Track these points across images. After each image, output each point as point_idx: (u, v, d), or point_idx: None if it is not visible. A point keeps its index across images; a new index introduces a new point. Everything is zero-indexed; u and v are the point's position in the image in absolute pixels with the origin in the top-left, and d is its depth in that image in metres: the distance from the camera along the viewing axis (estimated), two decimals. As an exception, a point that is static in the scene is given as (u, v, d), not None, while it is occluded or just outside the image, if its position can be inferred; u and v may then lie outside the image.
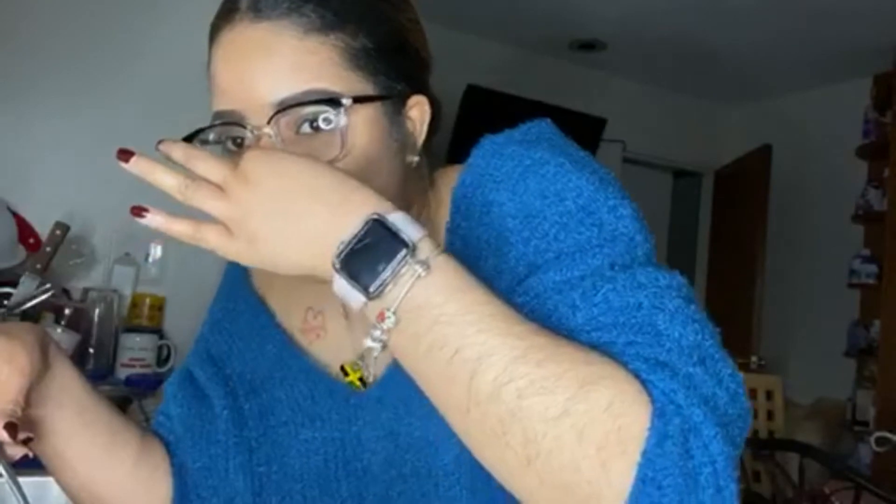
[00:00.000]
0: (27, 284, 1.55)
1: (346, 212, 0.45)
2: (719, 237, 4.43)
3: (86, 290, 1.82)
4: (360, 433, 0.61)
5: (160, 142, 0.51)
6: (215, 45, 0.58)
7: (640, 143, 4.21)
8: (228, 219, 0.47)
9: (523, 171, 0.56)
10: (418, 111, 0.61)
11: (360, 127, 0.55)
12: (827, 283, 3.72)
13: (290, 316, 0.68)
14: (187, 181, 0.48)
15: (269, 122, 0.53)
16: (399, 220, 0.45)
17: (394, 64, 0.58)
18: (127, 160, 0.50)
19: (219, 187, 0.47)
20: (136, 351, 1.73)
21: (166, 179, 0.49)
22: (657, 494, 0.39)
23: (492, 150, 0.59)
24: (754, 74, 4.06)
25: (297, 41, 0.54)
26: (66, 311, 1.68)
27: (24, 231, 1.75)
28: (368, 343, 0.45)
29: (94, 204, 1.91)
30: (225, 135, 0.56)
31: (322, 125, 0.54)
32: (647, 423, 0.41)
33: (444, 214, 0.61)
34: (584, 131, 3.53)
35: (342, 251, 0.44)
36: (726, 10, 3.26)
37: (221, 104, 0.56)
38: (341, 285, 0.45)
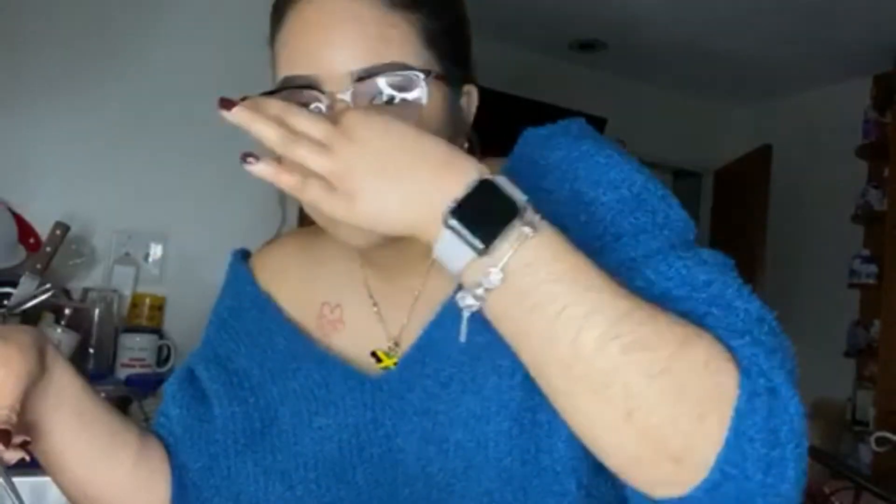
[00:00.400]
0: (27, 284, 1.55)
1: (450, 173, 0.46)
2: (719, 237, 4.43)
3: (86, 290, 1.82)
4: (379, 417, 0.60)
5: (242, 98, 0.51)
6: (292, 11, 0.57)
7: (640, 143, 4.21)
8: (332, 174, 0.47)
9: (572, 162, 0.58)
10: (468, 99, 0.63)
11: (430, 104, 0.56)
12: (827, 283, 3.72)
13: (303, 311, 0.69)
14: (289, 134, 0.47)
15: (346, 91, 0.54)
16: (506, 184, 0.46)
17: (456, 49, 0.61)
18: (228, 108, 0.50)
19: (319, 143, 0.47)
20: (136, 351, 1.73)
21: (267, 131, 0.48)
22: (748, 447, 0.42)
23: (537, 141, 0.61)
24: (754, 74, 4.06)
25: (381, 14, 0.55)
26: (66, 311, 1.67)
27: (24, 231, 1.75)
28: (468, 301, 0.46)
29: (94, 204, 1.91)
30: (293, 100, 0.55)
31: (399, 98, 0.55)
32: (737, 382, 0.43)
33: None
34: (584, 131, 3.52)
35: (454, 209, 0.45)
36: (726, 11, 3.26)
37: (295, 69, 0.56)
38: (447, 243, 0.45)
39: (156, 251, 1.98)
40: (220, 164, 2.08)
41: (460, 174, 0.46)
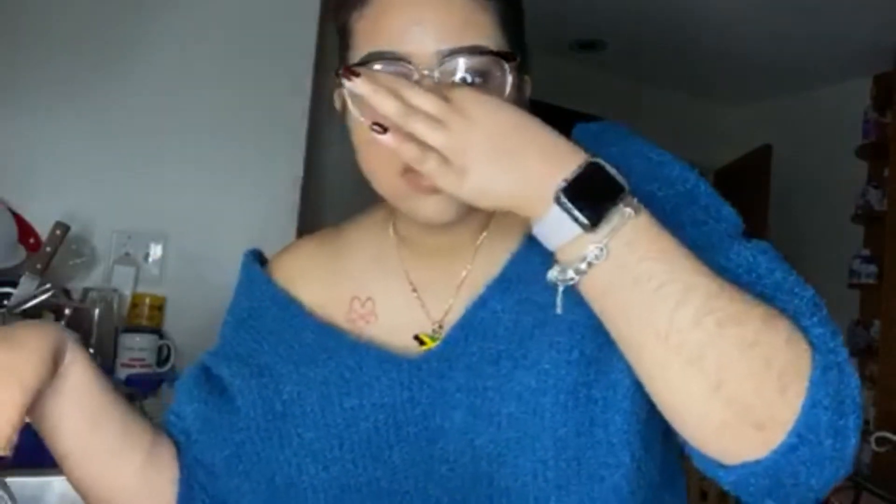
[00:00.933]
0: (27, 284, 1.55)
1: (557, 154, 0.50)
2: (719, 237, 4.42)
3: (86, 290, 1.82)
4: (416, 396, 0.61)
5: (356, 73, 0.52)
6: None
7: (640, 143, 4.21)
8: (447, 148, 0.49)
9: (627, 157, 0.59)
10: (525, 90, 0.67)
11: (509, 88, 0.59)
12: (827, 283, 3.70)
13: (331, 310, 0.69)
14: (407, 108, 0.49)
15: (434, 69, 0.56)
16: (611, 168, 0.49)
17: (521, 38, 0.64)
18: (351, 78, 0.51)
19: (435, 118, 0.49)
20: (136, 351, 1.73)
21: (387, 103, 0.50)
22: (822, 414, 0.47)
23: (589, 137, 0.63)
24: (754, 74, 4.06)
25: (465, 1, 0.58)
26: (66, 311, 1.67)
27: (24, 231, 1.75)
28: (569, 275, 0.49)
29: (94, 204, 1.91)
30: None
31: (481, 80, 0.57)
32: (812, 357, 0.48)
33: None
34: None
35: (566, 187, 0.48)
36: (726, 10, 3.26)
37: (385, 45, 0.58)
38: (555, 219, 0.48)
39: (156, 251, 1.98)
40: (221, 164, 2.08)
41: (568, 155, 0.49)
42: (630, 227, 0.48)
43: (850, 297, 3.67)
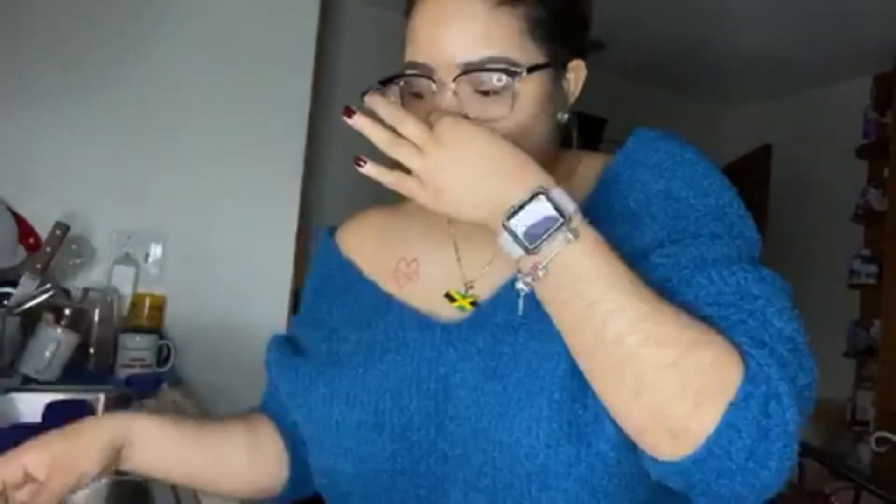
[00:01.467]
0: (27, 284, 1.55)
1: (517, 181, 0.57)
2: (719, 237, 4.42)
3: (86, 290, 1.82)
4: (441, 356, 0.68)
5: (365, 92, 0.61)
6: (419, 5, 0.67)
7: (640, 143, 4.21)
8: (422, 172, 0.58)
9: (674, 165, 0.67)
10: (575, 74, 0.71)
11: (527, 90, 0.65)
12: (827, 283, 3.71)
13: (381, 265, 0.79)
14: (393, 137, 0.59)
15: (454, 80, 0.64)
16: (558, 195, 0.56)
17: (562, 31, 0.67)
18: (350, 116, 0.59)
19: (416, 146, 0.58)
20: (136, 351, 1.73)
21: (378, 134, 0.59)
22: (735, 436, 0.51)
23: (645, 141, 0.70)
24: (754, 74, 4.06)
25: (488, 12, 0.64)
26: (66, 311, 1.67)
27: (24, 231, 1.75)
28: (518, 286, 0.57)
29: (94, 204, 1.92)
30: (411, 81, 0.67)
31: (497, 88, 0.64)
32: (738, 384, 0.52)
33: (579, 183, 0.72)
34: (584, 131, 3.52)
35: (511, 213, 0.55)
36: (726, 11, 3.26)
37: (416, 56, 0.66)
38: (505, 240, 0.56)
39: (156, 251, 1.99)
40: (221, 164, 2.08)
41: (524, 184, 0.56)
42: (570, 251, 0.55)
43: (850, 297, 3.66)
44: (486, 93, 0.64)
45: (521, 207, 0.55)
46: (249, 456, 0.79)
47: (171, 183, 2.01)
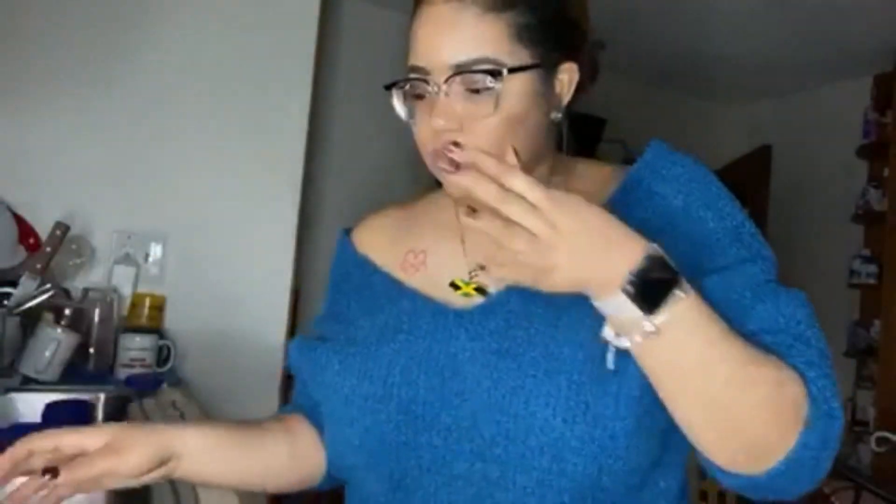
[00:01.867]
0: (27, 284, 1.55)
1: (623, 248, 0.57)
2: (719, 237, 4.41)
3: (86, 290, 1.82)
4: (452, 337, 0.73)
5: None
6: (417, 13, 0.72)
7: (640, 143, 4.19)
8: (539, 232, 0.56)
9: (690, 179, 0.73)
10: (567, 76, 0.74)
11: (513, 90, 0.68)
12: (827, 283, 3.71)
13: (392, 258, 0.84)
14: (504, 193, 0.57)
15: (445, 81, 0.68)
16: (667, 257, 0.58)
17: (552, 36, 0.71)
18: (456, 170, 0.64)
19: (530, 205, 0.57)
20: (136, 351, 1.73)
21: (489, 192, 0.58)
22: (804, 451, 0.60)
23: (663, 153, 0.76)
24: (754, 74, 4.06)
25: (476, 18, 0.68)
26: (66, 311, 1.68)
27: (24, 231, 1.75)
28: (624, 343, 0.59)
29: (94, 204, 1.92)
30: (412, 85, 0.71)
31: (485, 87, 0.68)
32: (807, 409, 0.60)
33: (588, 188, 0.76)
34: (585, 131, 3.52)
35: (632, 280, 0.56)
36: (726, 11, 3.26)
37: (414, 61, 0.71)
38: (620, 303, 0.57)
39: (156, 251, 1.99)
40: (221, 164, 2.08)
41: (633, 250, 0.57)
42: (680, 308, 0.57)
43: (850, 297, 3.66)
44: (476, 91, 0.68)
45: (638, 272, 0.56)
46: (290, 452, 0.83)
47: (170, 183, 2.01)
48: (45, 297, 1.51)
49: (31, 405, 1.43)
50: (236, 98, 2.09)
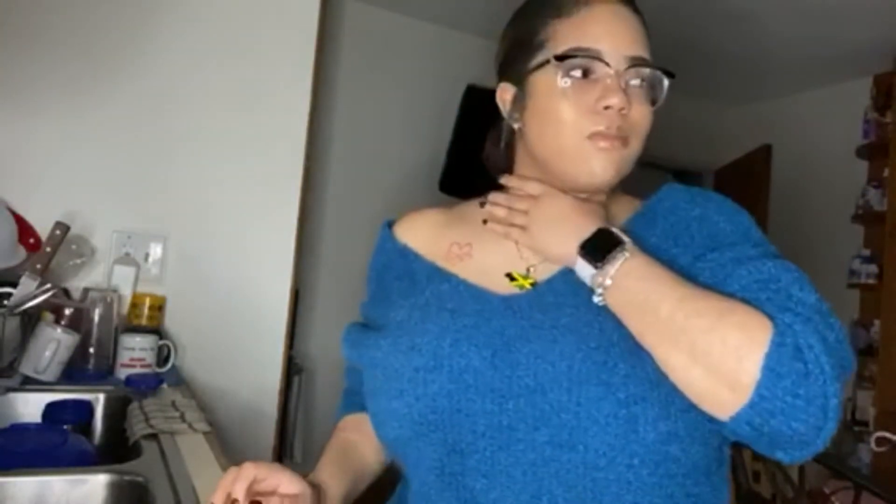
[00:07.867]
0: (27, 284, 1.55)
1: (581, 227, 0.77)
2: (719, 237, 4.41)
3: (86, 290, 1.82)
4: (497, 317, 0.78)
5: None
6: (585, 8, 0.80)
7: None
8: (525, 223, 0.83)
9: (706, 200, 0.82)
10: None
11: (664, 97, 0.83)
12: (827, 283, 3.71)
13: (435, 248, 0.91)
14: (509, 212, 0.85)
15: (626, 68, 0.78)
16: (615, 230, 0.75)
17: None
18: (482, 206, 0.89)
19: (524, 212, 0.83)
20: (136, 351, 1.73)
21: (501, 214, 0.86)
22: (777, 379, 0.61)
23: (677, 191, 0.84)
24: (754, 74, 4.06)
25: (642, 24, 0.83)
26: (66, 311, 1.68)
27: (24, 231, 1.75)
28: (595, 298, 0.73)
29: (94, 204, 1.92)
30: (583, 64, 0.79)
31: (646, 84, 0.81)
32: (769, 338, 0.63)
33: (617, 199, 0.89)
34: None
35: (584, 244, 0.75)
36: (726, 10, 3.26)
37: (589, 43, 0.79)
38: (581, 264, 0.75)
39: (156, 251, 1.99)
40: (221, 164, 2.08)
41: (587, 227, 0.76)
42: (627, 264, 0.71)
43: (850, 297, 3.66)
44: (639, 85, 0.80)
45: (589, 240, 0.75)
46: (374, 449, 0.91)
47: (170, 183, 2.01)
48: (45, 297, 1.51)
49: (31, 405, 1.43)
50: (236, 98, 2.09)
